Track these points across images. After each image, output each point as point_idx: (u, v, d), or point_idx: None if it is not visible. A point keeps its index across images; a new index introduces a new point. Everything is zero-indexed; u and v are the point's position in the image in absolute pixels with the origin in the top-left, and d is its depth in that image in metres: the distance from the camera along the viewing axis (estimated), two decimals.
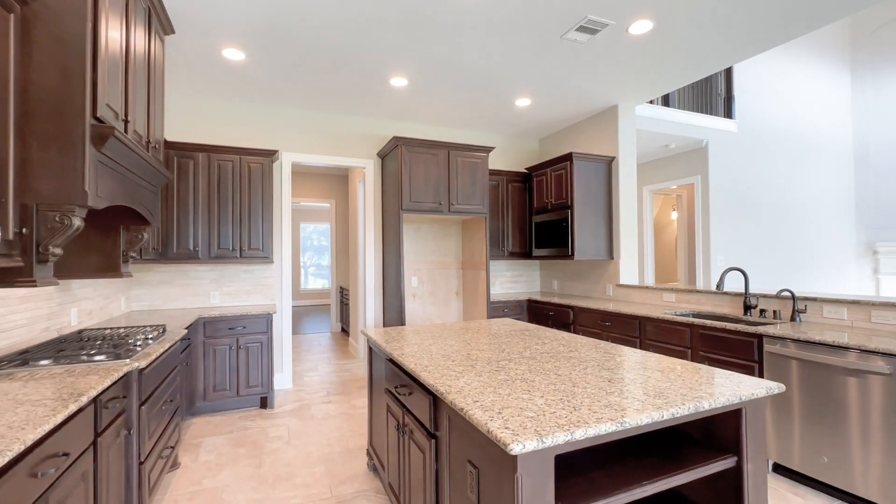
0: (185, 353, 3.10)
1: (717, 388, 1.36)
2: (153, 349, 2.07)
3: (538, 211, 4.70)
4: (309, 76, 3.53)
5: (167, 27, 2.61)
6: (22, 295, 2.04)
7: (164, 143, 3.22)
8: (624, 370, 1.58)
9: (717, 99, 5.63)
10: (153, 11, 2.39)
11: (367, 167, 4.55)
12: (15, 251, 1.54)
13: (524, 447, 0.97)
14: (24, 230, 1.57)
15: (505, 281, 5.19)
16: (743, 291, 3.06)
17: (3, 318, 1.93)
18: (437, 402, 1.49)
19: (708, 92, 5.57)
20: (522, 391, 1.35)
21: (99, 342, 2.11)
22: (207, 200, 3.63)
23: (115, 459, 1.66)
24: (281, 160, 4.20)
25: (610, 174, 4.32)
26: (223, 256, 3.67)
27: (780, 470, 2.42)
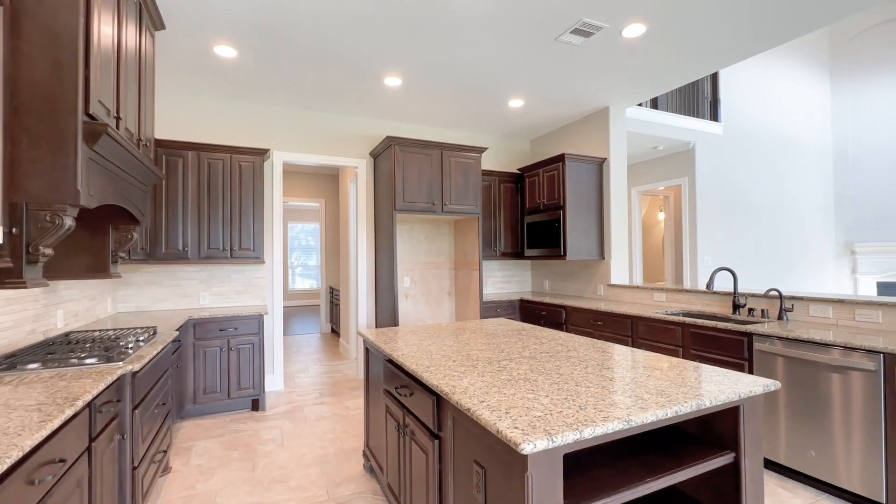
0: (175, 355, 3.04)
1: (716, 385, 1.39)
2: (145, 351, 2.03)
3: (530, 211, 4.73)
4: (302, 74, 3.49)
5: (157, 23, 2.56)
6: (8, 297, 1.98)
7: (153, 141, 3.16)
8: (624, 369, 1.60)
9: (703, 102, 5.74)
10: (144, 6, 2.33)
11: (359, 167, 4.52)
12: (4, 252, 1.49)
13: (535, 447, 0.98)
14: (13, 230, 1.52)
15: (497, 281, 5.21)
16: (732, 291, 3.13)
17: None
18: (440, 402, 1.49)
19: (694, 95, 5.67)
20: (527, 391, 1.35)
21: (88, 345, 2.06)
22: (197, 200, 3.57)
23: (108, 465, 1.62)
24: (272, 159, 4.15)
25: (601, 175, 4.37)
26: (213, 257, 3.61)
27: (767, 465, 2.48)
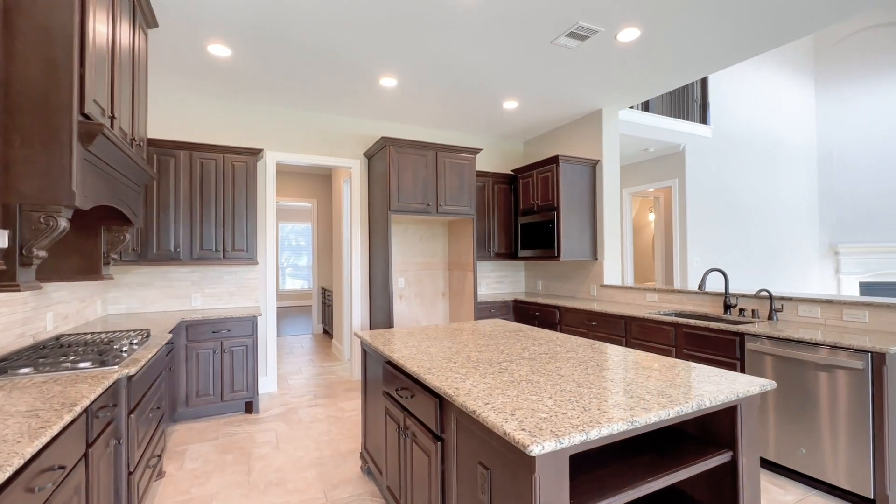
0: (168, 357, 2.99)
1: (714, 386, 1.41)
2: (140, 355, 1.99)
3: (524, 212, 4.75)
4: (297, 74, 3.47)
5: (151, 20, 2.52)
6: None
7: (146, 140, 3.11)
8: (623, 370, 1.62)
9: (693, 105, 5.83)
10: (137, 4, 2.30)
11: (353, 167, 4.50)
12: None
13: (543, 448, 0.99)
14: (6, 232, 1.49)
15: (491, 282, 5.23)
16: (723, 291, 3.19)
17: None
18: (443, 404, 1.50)
19: (684, 98, 5.76)
20: (530, 392, 1.37)
21: (80, 348, 2.02)
22: (189, 200, 3.52)
23: (104, 471, 1.60)
24: (266, 159, 4.11)
25: (594, 177, 4.41)
26: (206, 258, 3.56)
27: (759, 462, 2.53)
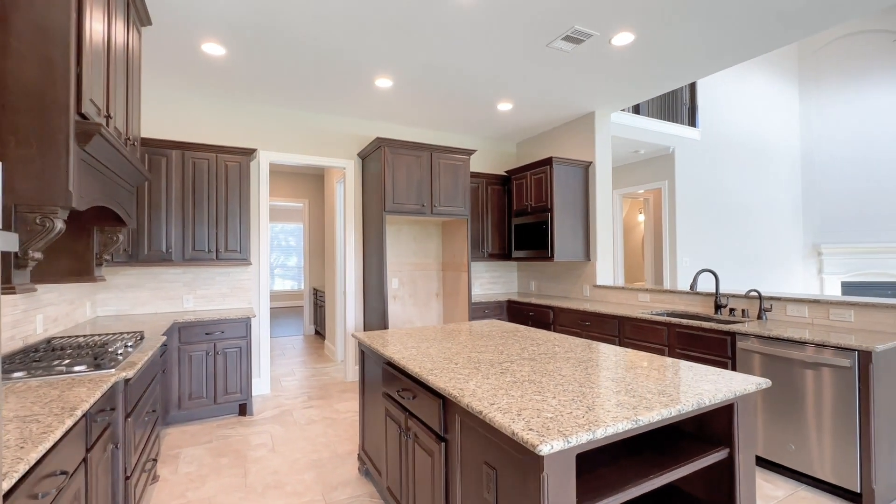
0: (161, 360, 2.95)
1: (712, 384, 1.45)
2: (136, 357, 1.97)
3: (517, 213, 4.79)
4: (292, 74, 3.44)
5: (144, 18, 2.49)
6: None
7: (139, 140, 3.06)
8: (622, 369, 1.65)
9: (682, 108, 5.93)
10: (131, 1, 2.26)
11: (347, 168, 4.48)
12: None
13: (552, 447, 1.01)
14: None
15: (484, 282, 5.25)
16: (713, 291, 3.25)
17: None
18: (447, 404, 1.51)
19: (674, 102, 5.85)
20: (534, 393, 1.38)
21: (71, 351, 1.98)
22: (181, 200, 3.47)
23: (102, 476, 1.57)
24: (259, 159, 4.08)
25: (587, 178, 4.46)
26: (198, 258, 3.52)
27: None
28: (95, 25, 1.73)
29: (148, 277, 3.62)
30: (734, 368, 2.62)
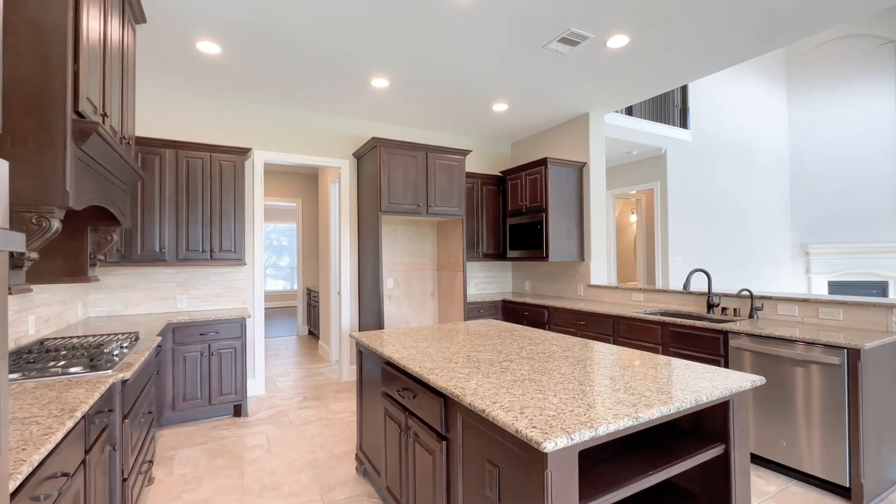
0: (156, 361, 2.92)
1: (708, 382, 1.48)
2: (132, 359, 1.95)
3: (512, 213, 4.81)
4: (288, 73, 3.43)
5: (139, 16, 2.46)
6: None
7: (134, 139, 3.03)
8: (620, 368, 1.68)
9: (674, 110, 6.00)
10: None
11: (342, 167, 4.47)
12: None
13: (556, 445, 1.02)
14: None
15: (479, 282, 5.27)
16: (706, 291, 3.30)
17: None
18: (448, 403, 1.52)
19: (666, 103, 5.92)
20: (535, 391, 1.40)
21: (66, 352, 1.96)
22: (175, 199, 3.44)
23: (100, 478, 1.56)
24: (253, 159, 4.05)
25: (581, 179, 4.50)
26: (192, 258, 3.49)
27: None
28: (92, 23, 1.71)
29: (141, 277, 3.58)
30: (727, 366, 2.66)
